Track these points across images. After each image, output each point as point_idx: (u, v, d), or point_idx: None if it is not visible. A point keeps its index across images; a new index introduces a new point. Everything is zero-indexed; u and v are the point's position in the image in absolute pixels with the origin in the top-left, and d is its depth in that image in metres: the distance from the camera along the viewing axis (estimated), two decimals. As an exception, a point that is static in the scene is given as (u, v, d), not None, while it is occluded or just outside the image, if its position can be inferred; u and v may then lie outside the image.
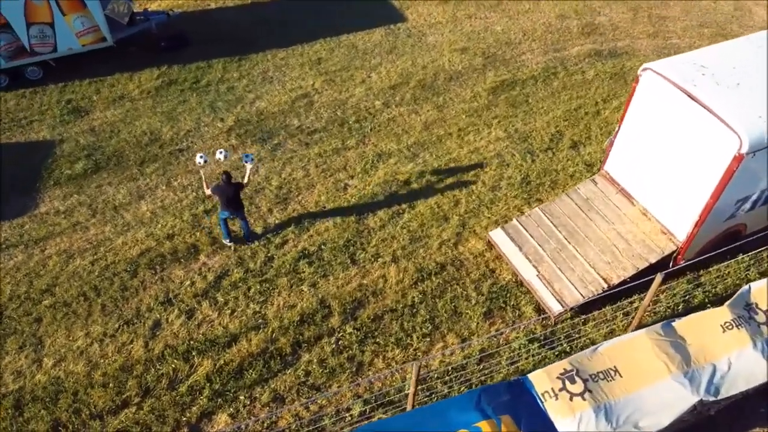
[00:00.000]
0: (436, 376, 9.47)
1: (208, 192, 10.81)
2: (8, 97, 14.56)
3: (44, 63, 14.83)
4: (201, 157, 10.76)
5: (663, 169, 10.33)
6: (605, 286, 10.23)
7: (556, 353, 9.72)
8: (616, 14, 19.11)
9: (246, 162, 10.93)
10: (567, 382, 7.34)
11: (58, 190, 12.36)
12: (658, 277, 9.16)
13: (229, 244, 11.32)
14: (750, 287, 8.34)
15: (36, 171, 12.69)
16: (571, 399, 7.15)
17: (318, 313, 10.28)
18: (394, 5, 18.87)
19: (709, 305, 10.22)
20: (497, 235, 11.39)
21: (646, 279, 9.37)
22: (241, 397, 9.19)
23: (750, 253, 10.72)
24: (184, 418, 8.90)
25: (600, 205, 11.35)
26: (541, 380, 7.41)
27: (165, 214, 11.96)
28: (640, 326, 9.63)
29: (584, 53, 17.04)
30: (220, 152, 10.98)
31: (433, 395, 9.14)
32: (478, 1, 19.28)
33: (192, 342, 9.81)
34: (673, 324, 7.87)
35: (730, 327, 7.74)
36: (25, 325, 10.01)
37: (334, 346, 9.85)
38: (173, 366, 9.48)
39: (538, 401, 7.26)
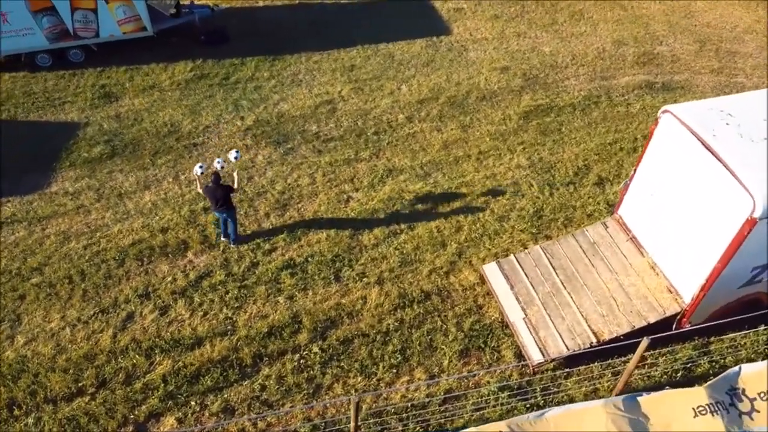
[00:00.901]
0: (393, 410, 8.99)
1: (201, 191, 10.80)
2: (49, 77, 15.21)
3: (86, 47, 15.40)
4: (200, 167, 10.72)
5: (675, 222, 9.39)
6: (594, 341, 9.40)
7: (528, 405, 9.01)
8: (680, 45, 17.81)
9: (234, 159, 10.86)
10: (500, 448, 6.72)
11: (72, 171, 12.74)
12: (644, 342, 8.30)
13: (223, 239, 11.28)
14: (741, 369, 7.37)
15: (56, 151, 13.14)
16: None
17: (288, 328, 10.01)
18: (442, 17, 18.40)
19: (712, 377, 9.21)
20: (491, 270, 10.74)
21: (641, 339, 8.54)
22: (192, 403, 9.05)
23: (772, 325, 9.60)
24: (132, 416, 8.85)
25: (606, 251, 10.48)
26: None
27: (165, 207, 12.07)
28: (627, 390, 8.81)
29: (634, 84, 15.95)
30: (230, 155, 10.97)
31: (385, 432, 8.70)
32: (532, 19, 18.50)
33: (158, 339, 9.78)
34: (639, 399, 7.05)
35: (704, 412, 6.85)
36: (9, 300, 10.32)
37: (296, 363, 9.55)
38: (134, 361, 9.48)
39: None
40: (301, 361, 9.58)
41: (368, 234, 11.66)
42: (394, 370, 9.56)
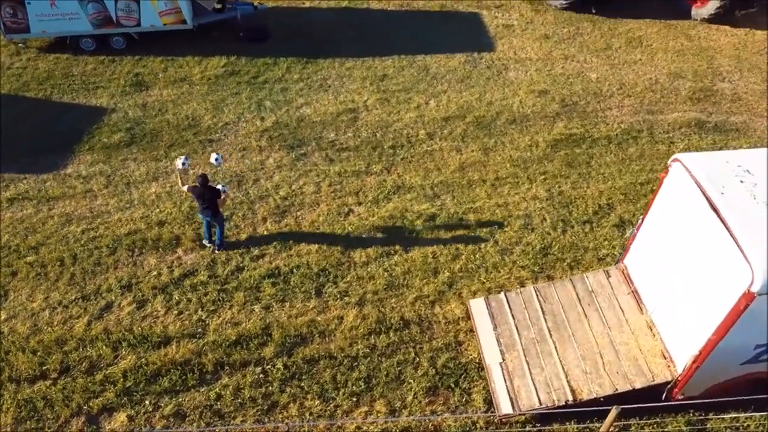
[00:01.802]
0: (343, 442, 8.61)
1: (184, 188, 10.74)
2: (89, 61, 15.74)
3: (128, 35, 15.84)
4: (182, 163, 10.67)
5: (676, 282, 8.50)
6: (570, 399, 8.64)
7: (486, 459, 8.40)
8: (745, 83, 16.38)
9: (216, 163, 10.81)
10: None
11: (89, 155, 13.07)
12: (614, 412, 7.58)
13: (208, 245, 11.21)
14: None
15: (79, 134, 13.53)
16: None
17: (256, 339, 9.78)
18: (488, 33, 17.75)
19: (702, 459, 8.29)
20: (477, 306, 10.13)
21: (628, 406, 7.80)
22: (147, 402, 8.97)
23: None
24: (86, 407, 8.87)
25: (604, 302, 9.65)
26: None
27: (167, 200, 12.15)
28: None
29: (683, 121, 14.77)
30: (181, 160, 10.82)
31: (327, 463, 8.31)
32: (585, 42, 17.54)
33: (128, 333, 9.79)
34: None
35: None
36: (2, 275, 10.65)
37: (256, 377, 9.31)
38: (100, 352, 9.52)
39: None
40: (262, 375, 9.34)
41: (361, 251, 11.29)
42: (355, 399, 9.14)
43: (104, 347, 9.58)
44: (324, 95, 15.04)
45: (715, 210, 7.49)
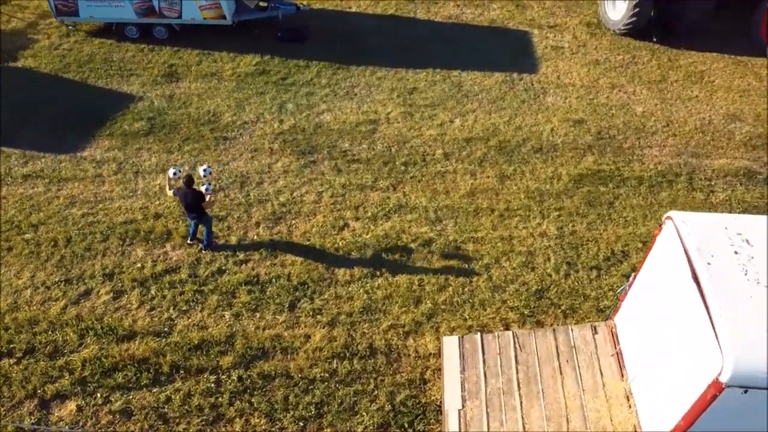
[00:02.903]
0: (278, 468, 8.28)
1: (170, 193, 10.71)
2: (131, 48, 16.17)
3: (170, 26, 16.14)
4: (174, 172, 10.61)
5: (656, 353, 7.63)
6: (524, 462, 7.95)
7: None
8: (813, 134, 14.75)
9: (204, 174, 10.59)
10: None
11: (107, 141, 13.38)
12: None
13: (189, 242, 11.17)
14: None
15: (103, 118, 13.88)
16: None
17: (218, 346, 9.62)
18: (534, 53, 16.89)
19: None
20: (449, 344, 9.51)
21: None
22: (98, 395, 8.99)
23: None
24: (41, 391, 8.99)
25: (584, 361, 8.83)
26: None
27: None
28: None
29: (730, 169, 13.44)
30: (173, 169, 10.71)
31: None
32: (638, 72, 16.35)
33: (97, 322, 9.87)
34: None
35: None
36: (-1, 249, 11.05)
37: (209, 385, 9.13)
38: (66, 338, 9.64)
39: None
40: (215, 385, 9.14)
41: (346, 269, 10.92)
42: (302, 423, 8.79)
43: (72, 333, 9.70)
44: (348, 103, 14.75)
45: (697, 281, 6.61)
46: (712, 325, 6.20)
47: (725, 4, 17.70)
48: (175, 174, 10.50)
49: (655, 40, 17.47)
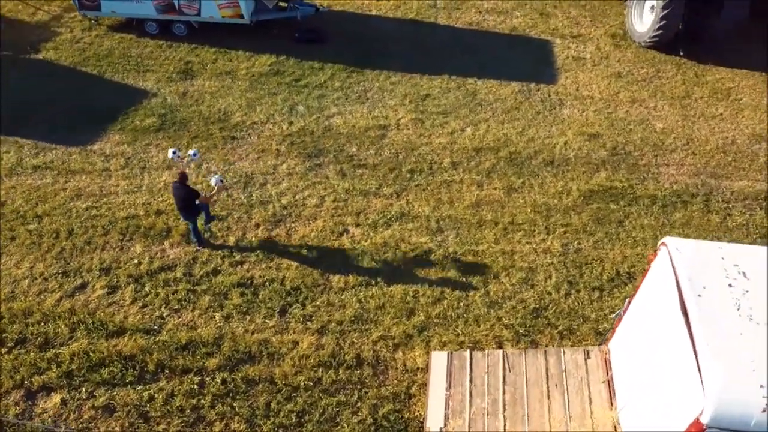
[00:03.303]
0: (253, 476, 8.19)
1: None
2: (149, 44, 16.33)
3: (189, 23, 16.25)
4: (173, 152, 10.74)
5: (644, 384, 7.30)
6: (501, 488, 7.71)
7: None
8: (844, 159, 14.07)
9: (192, 158, 10.80)
10: None
11: (117, 135, 13.50)
12: None
13: (198, 248, 11.17)
14: None
15: (116, 113, 14.02)
16: None
17: (206, 347, 9.58)
18: (554, 63, 16.51)
19: None
20: (438, 359, 9.30)
21: None
22: (83, 389, 9.04)
23: None
24: (28, 382, 9.08)
25: (573, 386, 8.54)
26: None
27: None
28: None
29: (751, 192, 12.90)
30: (173, 151, 10.96)
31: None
32: (661, 87, 15.84)
33: (89, 317, 9.93)
34: None
35: None
36: (2, 239, 11.20)
37: (193, 386, 9.10)
38: (58, 330, 9.72)
39: None
40: (198, 386, 9.11)
41: (340, 276, 10.78)
42: (281, 431, 8.70)
43: (63, 326, 9.78)
44: (359, 107, 14.62)
45: (685, 313, 6.29)
46: (697, 361, 5.88)
47: (757, 16, 17.11)
48: (174, 153, 10.52)
49: (681, 54, 16.91)
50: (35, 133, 13.40)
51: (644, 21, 17.44)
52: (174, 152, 10.71)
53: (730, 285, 6.43)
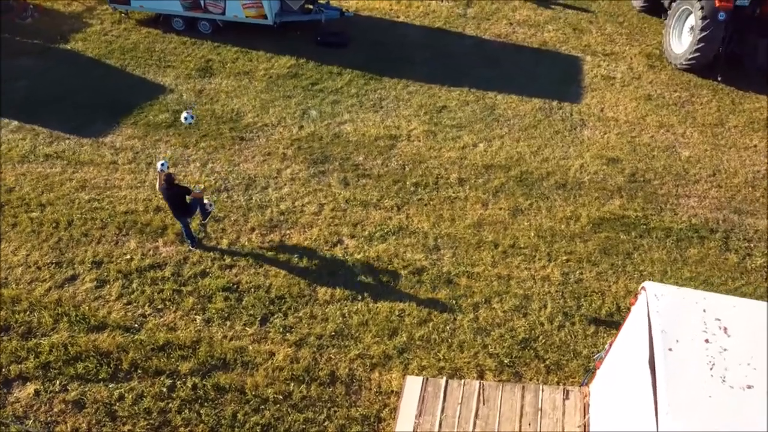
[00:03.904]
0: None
1: (157, 187, 10.74)
2: (174, 40, 16.50)
3: (214, 21, 16.35)
4: (186, 116, 10.96)
5: (614, 436, 6.83)
6: None
7: None
8: None
9: (186, 120, 10.99)
10: None
11: (130, 129, 13.66)
12: None
13: (191, 248, 11.16)
14: None
15: (132, 107, 14.20)
16: None
17: (182, 350, 9.53)
18: (581, 81, 15.88)
19: None
20: (412, 384, 8.98)
21: None
22: (57, 382, 9.11)
23: None
24: (5, 370, 9.21)
25: (547, 427, 8.10)
26: None
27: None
28: None
29: (776, 231, 12.09)
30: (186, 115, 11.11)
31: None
32: (693, 112, 15.04)
33: (73, 309, 10.03)
34: None
35: None
36: (5, 224, 11.44)
37: (163, 389, 9.05)
38: (42, 320, 9.84)
39: None
40: (168, 390, 9.05)
41: (327, 288, 10.58)
42: (244, 444, 8.56)
43: (48, 317, 9.90)
44: (372, 115, 14.38)
45: (653, 368, 5.81)
46: (657, 421, 5.42)
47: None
48: (162, 166, 10.43)
49: (719, 78, 16.03)
50: (52, 122, 13.70)
51: (682, 42, 16.64)
52: (162, 164, 10.45)
53: (706, 341, 5.91)
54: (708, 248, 11.75)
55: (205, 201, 11.10)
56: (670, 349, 5.83)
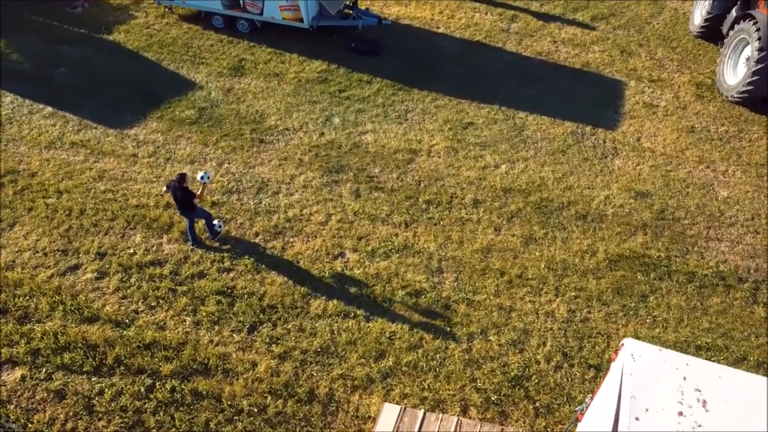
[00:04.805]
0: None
1: (164, 188, 10.75)
2: (212, 37, 16.69)
3: (252, 21, 16.44)
4: (203, 176, 10.54)
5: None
6: None
7: None
8: None
9: (202, 180, 10.45)
10: None
11: (154, 123, 13.86)
12: None
13: (192, 247, 11.18)
14: None
15: (160, 101, 14.41)
16: None
17: (167, 351, 9.53)
18: (620, 107, 15.12)
19: None
20: (388, 412, 8.68)
21: None
22: (44, 370, 9.26)
23: None
24: (-3, 354, 9.46)
25: (519, 477, 7.63)
26: None
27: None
28: None
29: (814, 287, 11.12)
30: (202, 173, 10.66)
31: None
32: (738, 149, 14.07)
33: (70, 298, 10.19)
34: None
35: None
36: (21, 208, 11.77)
37: (142, 389, 9.06)
38: (39, 306, 10.04)
39: None
40: (146, 390, 9.05)
41: (321, 301, 10.38)
42: (213, 454, 8.46)
43: (45, 304, 10.09)
44: (395, 127, 14.10)
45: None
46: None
47: None
48: (202, 178, 10.40)
49: (773, 115, 15.00)
50: (83, 110, 14.06)
51: (737, 73, 15.63)
52: (202, 177, 10.48)
53: (680, 413, 5.36)
54: (733, 298, 10.92)
55: (215, 222, 11.05)
56: (637, 419, 5.32)
